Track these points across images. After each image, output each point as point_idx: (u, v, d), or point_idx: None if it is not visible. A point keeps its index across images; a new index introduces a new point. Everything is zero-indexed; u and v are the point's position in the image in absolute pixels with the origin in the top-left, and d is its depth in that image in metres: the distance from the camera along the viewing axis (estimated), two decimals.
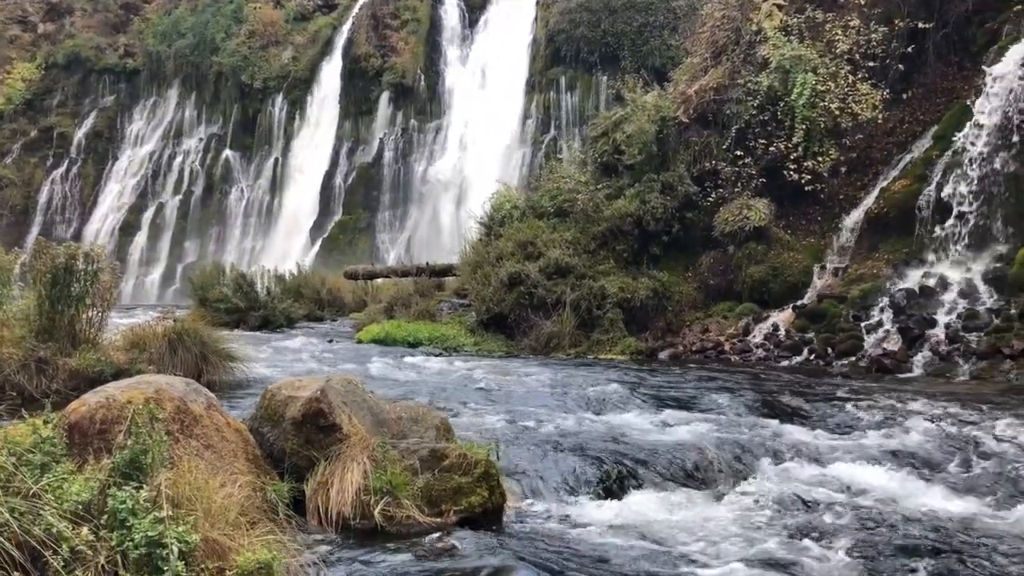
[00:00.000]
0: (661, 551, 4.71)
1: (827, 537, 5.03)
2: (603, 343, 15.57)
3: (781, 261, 15.79)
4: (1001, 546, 4.88)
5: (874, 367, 12.73)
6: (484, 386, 10.49)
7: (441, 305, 18.39)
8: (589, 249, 16.94)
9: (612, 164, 18.05)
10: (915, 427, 7.64)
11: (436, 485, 5.32)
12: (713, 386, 10.49)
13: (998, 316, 12.66)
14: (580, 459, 6.59)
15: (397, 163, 37.38)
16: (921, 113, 16.08)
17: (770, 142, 16.23)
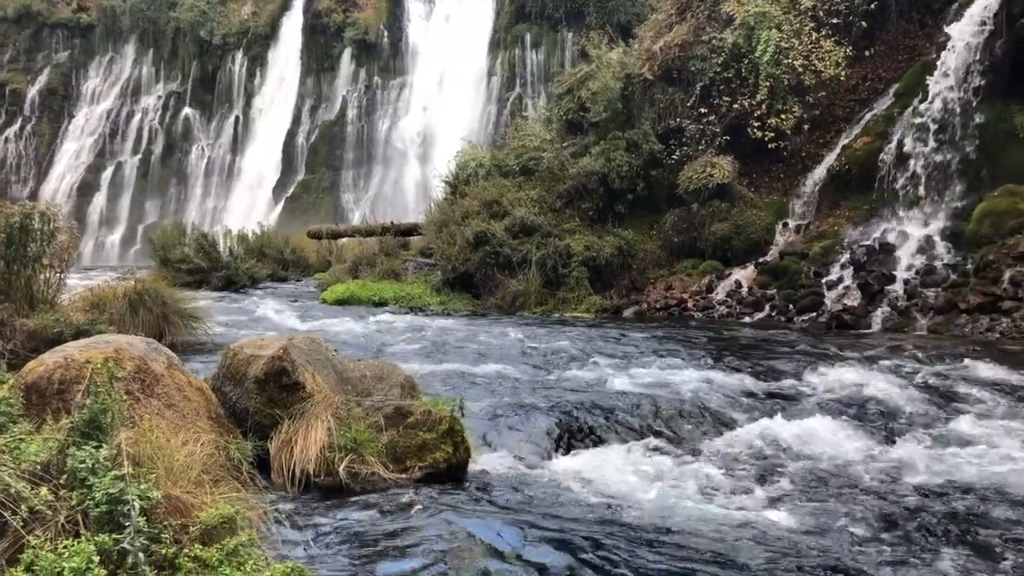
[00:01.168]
0: (622, 503, 4.79)
1: (778, 485, 5.14)
2: (569, 301, 15.64)
3: (744, 218, 15.91)
4: (927, 488, 5.02)
5: (834, 322, 12.94)
6: (449, 344, 10.51)
7: (406, 264, 18.31)
8: (555, 208, 16.94)
9: (578, 122, 17.99)
10: (869, 380, 7.80)
11: (401, 442, 5.34)
12: (676, 343, 10.60)
13: (955, 272, 12.89)
14: (544, 415, 6.65)
15: (361, 121, 36.95)
16: (883, 70, 16.18)
17: (734, 99, 16.26)
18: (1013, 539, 4.25)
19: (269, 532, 4.08)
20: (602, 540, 4.03)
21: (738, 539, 4.14)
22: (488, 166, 18.51)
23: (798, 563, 3.83)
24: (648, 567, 3.72)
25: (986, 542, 4.20)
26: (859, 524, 4.40)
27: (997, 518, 4.54)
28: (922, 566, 3.90)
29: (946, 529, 4.36)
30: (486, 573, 3.57)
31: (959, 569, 3.89)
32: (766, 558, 3.88)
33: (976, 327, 11.66)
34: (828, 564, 3.84)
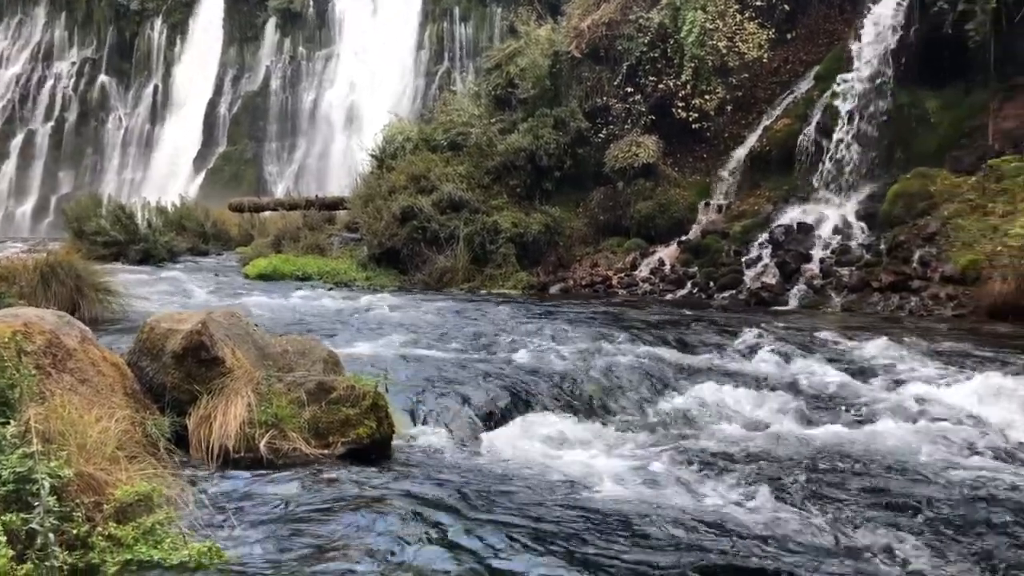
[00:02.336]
0: (545, 476, 4.85)
1: (696, 455, 5.28)
2: (496, 278, 15.68)
3: (668, 197, 16.15)
4: (838, 456, 5.23)
5: (753, 300, 13.28)
6: (375, 319, 10.45)
7: (332, 239, 18.10)
8: (483, 184, 16.92)
9: (506, 98, 17.96)
10: (782, 354, 8.05)
11: (323, 417, 5.30)
12: (600, 319, 10.75)
13: (869, 251, 13.33)
14: (471, 389, 6.68)
15: (285, 92, 36.22)
16: (804, 54, 16.54)
17: (660, 79, 16.43)
18: (926, 497, 4.45)
19: (187, 509, 4.02)
20: (525, 511, 4.09)
21: (656, 507, 4.24)
22: (416, 140, 18.37)
23: (713, 529, 3.95)
24: (570, 534, 3.79)
25: (901, 503, 4.39)
26: (773, 491, 4.54)
27: (908, 484, 4.74)
28: (845, 534, 4.05)
29: (858, 495, 4.53)
30: (405, 545, 3.58)
31: (857, 526, 4.05)
32: (679, 523, 3.98)
33: (887, 305, 12.09)
34: (747, 531, 3.97)
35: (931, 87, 14.52)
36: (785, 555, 3.68)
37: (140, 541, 3.56)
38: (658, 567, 3.49)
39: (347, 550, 3.55)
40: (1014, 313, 10.57)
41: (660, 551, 3.68)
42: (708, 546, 3.74)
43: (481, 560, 3.44)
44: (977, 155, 13.55)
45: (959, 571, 3.68)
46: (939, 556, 3.82)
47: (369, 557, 3.46)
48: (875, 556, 3.79)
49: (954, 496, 4.55)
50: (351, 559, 3.46)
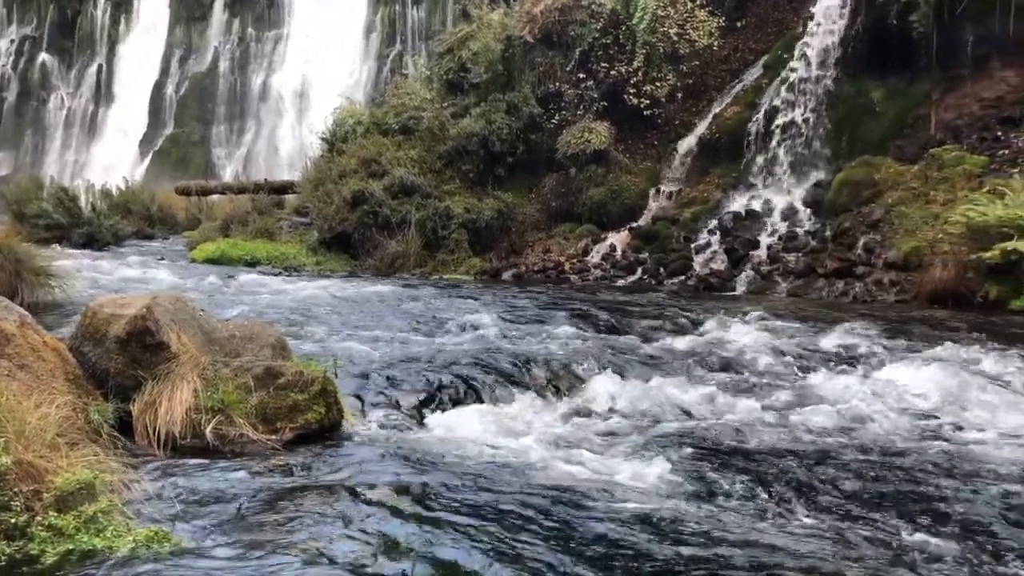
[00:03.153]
0: (493, 459, 4.87)
1: (635, 436, 5.35)
2: (448, 263, 15.65)
3: (620, 184, 16.23)
4: (763, 433, 5.35)
5: (702, 286, 13.45)
6: (325, 305, 10.37)
7: (281, 223, 17.89)
8: (435, 168, 16.83)
9: (458, 82, 17.87)
10: (730, 339, 8.18)
11: (271, 403, 5.25)
12: (552, 304, 10.79)
13: (815, 238, 13.57)
14: (419, 374, 6.67)
15: (234, 74, 35.56)
16: (753, 42, 16.71)
17: (612, 66, 16.48)
18: (855, 472, 4.57)
19: (132, 496, 3.96)
20: (471, 494, 4.10)
21: (596, 490, 4.29)
22: (367, 124, 18.19)
23: (646, 512, 4.01)
24: (514, 517, 3.82)
25: (832, 487, 4.49)
26: (717, 475, 4.62)
27: (841, 465, 4.85)
28: (773, 515, 4.13)
29: (787, 476, 4.63)
30: (352, 531, 3.58)
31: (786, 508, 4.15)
32: (616, 508, 4.04)
33: (832, 290, 12.34)
34: (689, 518, 4.03)
35: (877, 77, 14.78)
36: (689, 523, 3.76)
37: (82, 530, 3.50)
38: (599, 557, 3.54)
39: (293, 536, 3.53)
40: (953, 299, 10.86)
41: (604, 538, 3.72)
42: (654, 529, 3.79)
43: (426, 543, 3.45)
44: (920, 144, 13.85)
45: (875, 534, 3.78)
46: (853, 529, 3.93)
47: (315, 542, 3.45)
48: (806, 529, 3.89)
49: (886, 469, 4.68)
50: (298, 545, 3.44)
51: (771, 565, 3.41)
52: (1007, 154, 12.91)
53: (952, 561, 3.62)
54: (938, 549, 3.74)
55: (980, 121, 13.64)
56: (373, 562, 3.24)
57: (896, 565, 3.55)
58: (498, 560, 3.31)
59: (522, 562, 3.33)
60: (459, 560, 3.30)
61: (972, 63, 14.03)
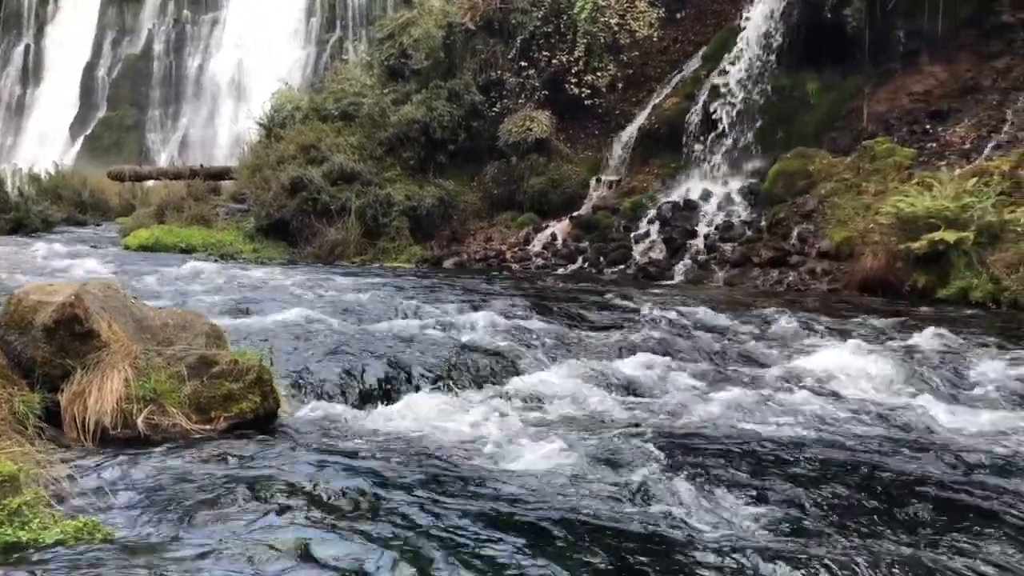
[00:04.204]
0: (431, 449, 4.87)
1: (572, 425, 5.41)
2: (389, 251, 15.57)
3: (561, 173, 16.32)
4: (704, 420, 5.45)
5: (641, 274, 13.61)
6: (262, 292, 10.22)
7: (217, 210, 17.59)
8: (375, 155, 16.71)
9: (399, 68, 17.76)
10: (666, 327, 8.30)
11: (205, 392, 5.17)
12: (494, 293, 10.81)
13: (751, 228, 13.82)
14: (359, 363, 6.62)
15: (169, 57, 34.75)
16: (693, 34, 16.92)
17: (553, 54, 16.54)
18: (779, 460, 4.68)
19: (60, 488, 3.87)
20: (408, 485, 4.10)
21: (535, 479, 4.32)
22: (306, 110, 17.98)
23: (583, 500, 4.05)
24: (448, 507, 3.83)
25: (759, 471, 4.59)
26: (651, 463, 4.68)
27: (766, 448, 4.96)
28: (699, 496, 4.21)
29: (703, 452, 4.72)
30: (283, 520, 3.55)
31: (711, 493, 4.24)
32: (549, 496, 4.08)
33: (767, 279, 12.59)
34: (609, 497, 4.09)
35: (812, 70, 15.08)
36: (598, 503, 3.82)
37: (5, 523, 3.41)
38: (527, 531, 3.57)
39: (225, 526, 3.49)
40: (883, 287, 11.17)
41: (537, 524, 3.76)
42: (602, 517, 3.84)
43: (357, 533, 3.43)
44: (853, 136, 14.19)
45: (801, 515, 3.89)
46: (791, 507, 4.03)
47: (246, 533, 3.41)
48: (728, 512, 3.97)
49: (811, 451, 4.80)
50: (229, 535, 3.40)
51: (662, 530, 3.50)
52: (935, 147, 13.31)
53: (857, 528, 3.73)
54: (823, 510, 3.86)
55: (910, 114, 14.02)
56: (303, 553, 3.21)
57: (780, 531, 3.65)
58: (430, 548, 3.32)
59: (456, 549, 3.34)
60: (391, 549, 3.29)
61: (903, 58, 14.42)
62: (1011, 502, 4.14)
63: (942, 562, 3.44)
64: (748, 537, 3.70)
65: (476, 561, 3.24)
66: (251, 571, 3.07)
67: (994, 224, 10.47)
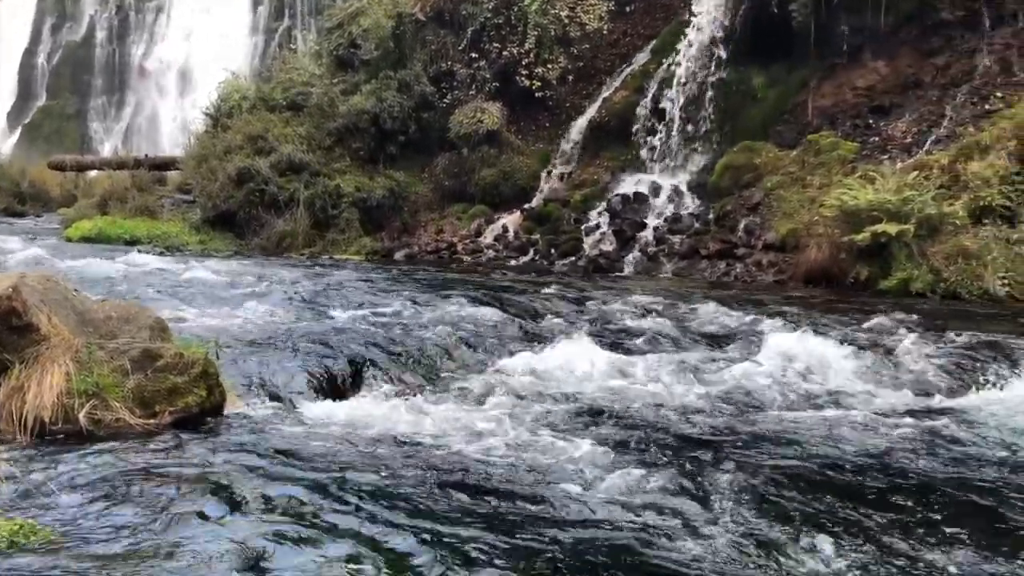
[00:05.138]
0: (383, 445, 4.85)
1: (530, 415, 5.43)
2: (339, 243, 15.45)
3: (512, 165, 16.33)
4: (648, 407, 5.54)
5: (591, 266, 13.69)
6: (209, 285, 10.07)
7: (163, 201, 17.29)
8: (324, 146, 16.55)
9: (348, 58, 17.58)
10: (615, 318, 8.37)
11: (149, 386, 5.08)
12: (445, 285, 10.79)
13: (698, 220, 13.98)
14: (308, 357, 6.56)
15: (112, 44, 33.95)
16: (642, 27, 17.02)
17: (503, 46, 16.52)
18: (704, 442, 4.76)
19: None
20: (355, 479, 4.08)
21: (492, 472, 4.33)
22: (253, 99, 17.72)
23: (530, 488, 4.08)
24: (401, 501, 3.82)
25: (703, 456, 4.67)
26: (609, 448, 4.73)
27: (716, 432, 5.05)
28: (642, 474, 4.26)
29: (661, 446, 4.78)
30: (227, 518, 3.51)
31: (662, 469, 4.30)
32: (509, 489, 4.10)
33: (715, 271, 12.75)
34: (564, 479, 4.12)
35: (759, 64, 15.28)
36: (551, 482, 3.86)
37: None
38: (489, 525, 3.59)
39: (167, 522, 3.44)
40: (827, 279, 11.38)
41: (492, 515, 3.77)
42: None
43: (302, 530, 3.41)
44: (798, 130, 14.42)
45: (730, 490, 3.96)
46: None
47: (189, 534, 3.36)
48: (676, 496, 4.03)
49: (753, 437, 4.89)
50: (171, 531, 3.35)
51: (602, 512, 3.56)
52: (877, 141, 13.59)
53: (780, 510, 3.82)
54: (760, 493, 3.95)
55: (853, 109, 14.29)
56: (242, 550, 3.18)
57: (708, 504, 3.73)
58: (372, 549, 3.30)
59: (397, 552, 3.32)
60: (330, 547, 3.27)
61: (847, 53, 14.66)
62: (923, 468, 4.30)
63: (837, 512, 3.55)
64: (636, 492, 3.76)
65: (415, 560, 3.24)
66: (194, 574, 3.03)
67: (933, 217, 10.73)
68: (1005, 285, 10.01)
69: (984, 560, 3.45)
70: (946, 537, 3.65)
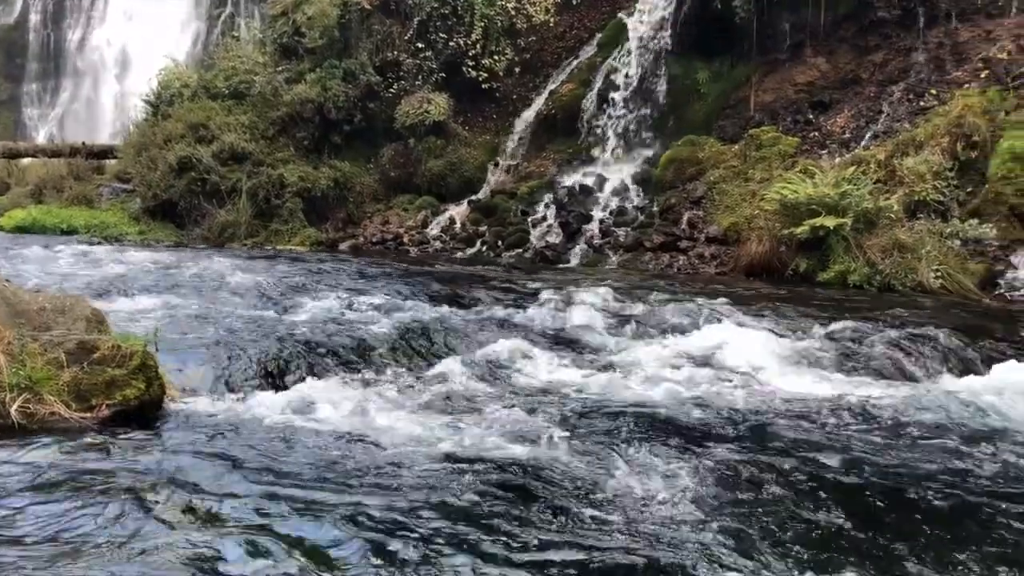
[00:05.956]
0: (325, 437, 4.82)
1: (476, 405, 5.46)
2: (282, 233, 15.27)
3: (459, 156, 16.29)
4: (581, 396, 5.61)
5: (538, 258, 13.75)
6: (149, 276, 9.89)
7: (101, 190, 16.90)
8: (268, 135, 16.32)
9: (293, 46, 17.34)
10: (561, 310, 8.43)
11: (86, 379, 4.98)
12: (390, 276, 10.74)
13: (643, 213, 14.12)
14: (251, 349, 6.49)
15: (47, 28, 32.93)
16: (588, 20, 17.08)
17: (450, 37, 16.46)
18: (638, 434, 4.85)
19: None
20: (297, 474, 4.06)
21: (439, 469, 4.34)
22: (195, 87, 17.38)
23: (471, 481, 4.11)
24: (341, 494, 3.81)
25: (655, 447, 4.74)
26: (557, 434, 4.77)
27: (656, 423, 5.12)
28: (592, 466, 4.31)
29: (598, 437, 4.84)
30: (165, 514, 3.46)
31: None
32: (456, 482, 4.11)
33: (658, 263, 12.90)
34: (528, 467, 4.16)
35: (702, 59, 15.48)
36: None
37: None
38: (413, 510, 3.60)
39: (103, 519, 3.38)
40: (767, 271, 11.59)
41: (419, 501, 3.78)
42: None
43: (242, 529, 3.38)
44: (740, 125, 14.64)
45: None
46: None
47: (124, 533, 3.31)
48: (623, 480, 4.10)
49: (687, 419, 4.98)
50: (104, 527, 3.30)
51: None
52: (817, 136, 13.87)
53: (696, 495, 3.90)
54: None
55: (794, 104, 14.56)
56: (175, 547, 3.14)
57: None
58: (305, 544, 3.29)
59: (325, 550, 3.31)
60: (267, 543, 3.25)
61: (788, 49, 14.93)
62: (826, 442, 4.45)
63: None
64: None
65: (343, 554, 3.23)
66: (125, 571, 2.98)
67: (870, 211, 10.99)
68: (938, 278, 10.30)
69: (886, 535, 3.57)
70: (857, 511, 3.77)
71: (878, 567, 3.38)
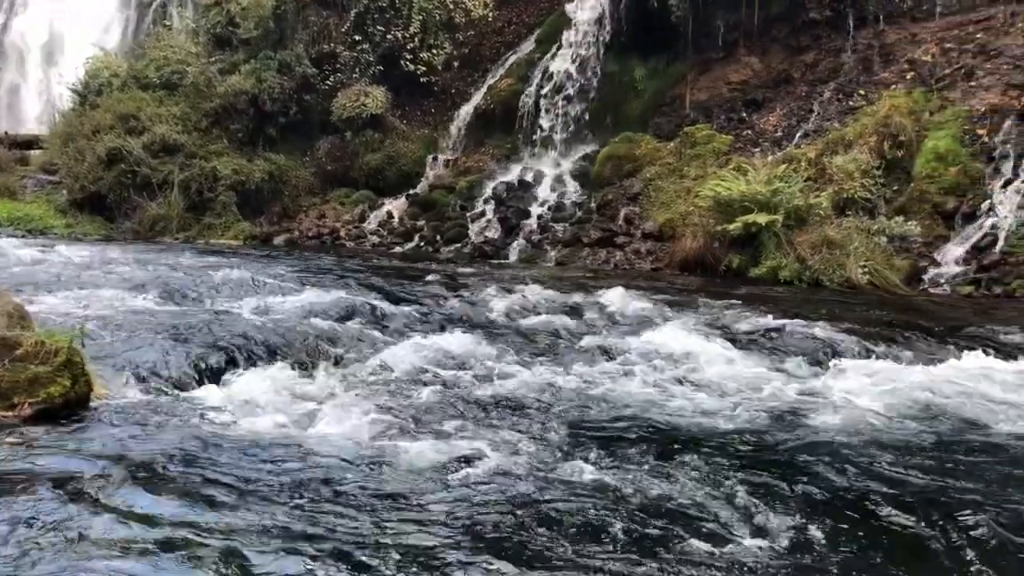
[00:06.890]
0: (258, 431, 4.76)
1: (405, 397, 5.47)
2: (216, 227, 15.03)
3: (397, 150, 16.20)
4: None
5: (477, 253, 13.76)
6: (75, 270, 9.62)
7: (25, 182, 16.39)
8: (201, 127, 16.02)
9: (227, 37, 17.03)
10: (498, 304, 8.46)
11: (7, 376, 4.83)
12: (325, 271, 10.64)
13: (581, 209, 14.23)
14: (181, 344, 6.37)
15: None
16: (527, 16, 17.13)
17: (388, 30, 16.35)
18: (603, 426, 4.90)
19: None
20: (227, 471, 4.00)
21: (368, 461, 4.33)
22: (124, 77, 16.96)
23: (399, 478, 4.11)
24: (273, 489, 3.77)
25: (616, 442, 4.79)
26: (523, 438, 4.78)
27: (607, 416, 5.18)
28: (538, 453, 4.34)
29: (545, 427, 4.88)
30: (88, 514, 3.38)
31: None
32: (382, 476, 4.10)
33: (596, 259, 13.01)
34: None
35: (639, 56, 15.65)
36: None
37: None
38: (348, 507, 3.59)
39: (23, 519, 3.29)
40: (701, 267, 11.79)
41: (367, 503, 3.77)
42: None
43: (168, 527, 3.32)
44: (676, 122, 14.85)
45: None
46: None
47: (45, 528, 3.22)
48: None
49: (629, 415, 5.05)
50: (25, 528, 3.21)
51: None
52: (750, 134, 14.14)
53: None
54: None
55: (728, 102, 14.81)
56: (96, 550, 3.07)
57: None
58: (218, 536, 3.25)
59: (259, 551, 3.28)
60: (192, 539, 3.20)
61: (723, 48, 15.18)
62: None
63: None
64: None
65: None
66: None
67: (801, 208, 11.25)
68: (866, 274, 10.60)
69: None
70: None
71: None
